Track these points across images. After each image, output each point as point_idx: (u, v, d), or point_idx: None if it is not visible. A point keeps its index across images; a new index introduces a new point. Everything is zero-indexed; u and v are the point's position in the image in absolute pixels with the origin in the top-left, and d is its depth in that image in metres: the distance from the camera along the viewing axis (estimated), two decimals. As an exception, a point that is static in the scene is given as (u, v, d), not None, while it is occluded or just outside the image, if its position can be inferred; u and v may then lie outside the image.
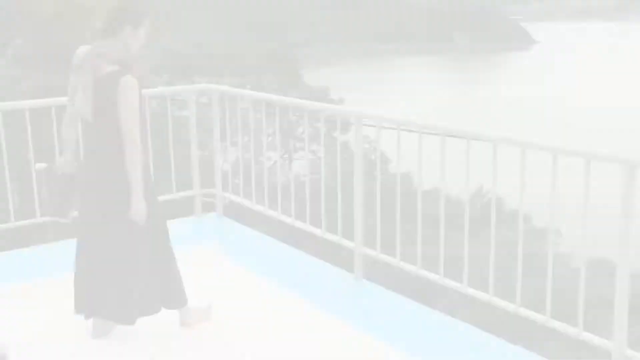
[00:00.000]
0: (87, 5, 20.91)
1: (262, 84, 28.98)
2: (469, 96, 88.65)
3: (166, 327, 4.24)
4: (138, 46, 3.95)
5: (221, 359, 3.97)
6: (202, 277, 4.94)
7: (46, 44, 19.99)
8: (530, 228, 20.54)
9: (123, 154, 3.84)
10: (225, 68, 29.15)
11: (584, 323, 3.87)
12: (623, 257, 3.55)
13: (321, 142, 6.55)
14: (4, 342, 3.98)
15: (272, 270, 5.24)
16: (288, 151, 25.88)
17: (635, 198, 3.55)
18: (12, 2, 19.71)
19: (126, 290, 4.03)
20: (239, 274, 5.13)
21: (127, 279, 4.03)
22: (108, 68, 3.81)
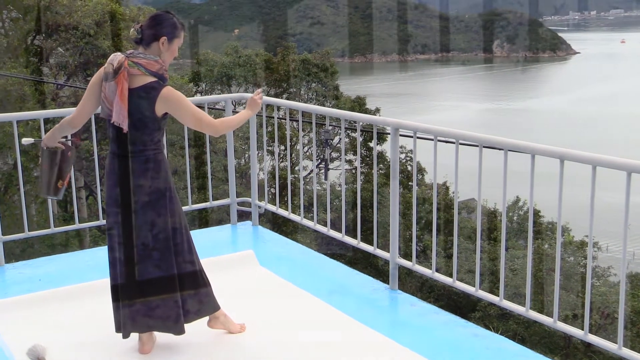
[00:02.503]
0: (128, 15, 21.24)
1: (299, 93, 29.08)
2: (507, 107, 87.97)
3: (198, 335, 4.25)
4: (171, 59, 3.90)
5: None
6: (237, 285, 4.96)
7: (87, 53, 20.33)
8: (568, 241, 20.27)
9: (156, 162, 3.86)
10: (262, 77, 29.29)
11: (623, 338, 3.79)
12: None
13: (357, 152, 6.52)
14: (42, 345, 4.02)
15: (307, 279, 5.23)
16: (324, 161, 25.94)
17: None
18: (55, 11, 20.08)
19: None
20: (273, 283, 5.12)
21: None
22: (145, 79, 3.77)
